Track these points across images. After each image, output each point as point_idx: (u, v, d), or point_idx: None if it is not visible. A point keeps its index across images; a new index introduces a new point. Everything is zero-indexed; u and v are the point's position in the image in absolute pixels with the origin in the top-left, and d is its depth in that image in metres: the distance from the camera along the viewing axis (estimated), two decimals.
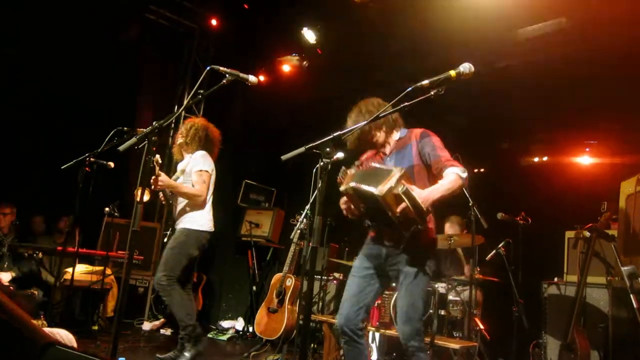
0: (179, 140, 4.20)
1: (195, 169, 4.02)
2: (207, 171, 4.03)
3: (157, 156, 3.63)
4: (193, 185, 3.99)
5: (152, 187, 3.74)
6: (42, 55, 5.70)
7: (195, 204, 4.01)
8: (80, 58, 5.84)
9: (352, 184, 2.55)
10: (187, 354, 3.82)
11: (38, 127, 5.91)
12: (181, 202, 4.05)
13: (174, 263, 3.89)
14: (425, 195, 2.51)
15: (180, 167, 4.14)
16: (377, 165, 2.74)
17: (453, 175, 2.62)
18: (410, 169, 2.76)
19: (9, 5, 5.32)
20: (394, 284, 2.81)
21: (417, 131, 2.92)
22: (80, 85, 5.87)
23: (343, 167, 2.75)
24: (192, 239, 3.97)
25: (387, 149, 2.96)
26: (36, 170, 5.73)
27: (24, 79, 5.71)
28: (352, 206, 2.73)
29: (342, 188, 2.63)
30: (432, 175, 2.77)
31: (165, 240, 4.24)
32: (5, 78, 5.56)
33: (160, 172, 3.72)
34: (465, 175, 2.64)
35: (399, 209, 2.45)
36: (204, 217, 4.05)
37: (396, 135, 2.96)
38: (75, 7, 5.71)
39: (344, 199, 2.76)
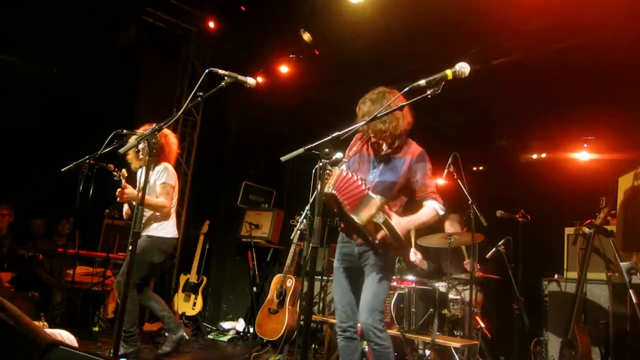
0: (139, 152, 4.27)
1: (160, 182, 4.19)
2: (170, 184, 4.22)
3: (124, 170, 3.92)
4: (157, 197, 4.15)
5: (118, 199, 3.99)
6: (42, 59, 5.71)
7: (161, 214, 4.19)
8: (79, 61, 5.85)
9: (333, 192, 2.62)
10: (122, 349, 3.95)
11: (37, 130, 5.91)
12: (147, 212, 4.17)
13: (139, 270, 4.04)
14: (403, 224, 2.71)
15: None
16: (364, 189, 2.68)
17: (432, 210, 2.83)
18: (392, 184, 2.85)
19: (9, 6, 5.32)
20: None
21: (416, 150, 2.94)
22: (79, 88, 5.89)
23: (328, 165, 2.73)
24: (155, 246, 4.15)
25: (382, 148, 2.94)
26: (36, 173, 5.73)
27: (24, 82, 5.72)
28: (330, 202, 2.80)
29: (326, 191, 2.63)
30: (410, 197, 2.92)
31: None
32: (5, 80, 5.57)
33: (126, 184, 3.95)
34: (442, 212, 2.85)
35: (378, 236, 2.66)
36: (169, 225, 4.26)
37: (395, 143, 2.93)
38: (73, 10, 5.72)
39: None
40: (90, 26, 5.90)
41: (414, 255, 4.97)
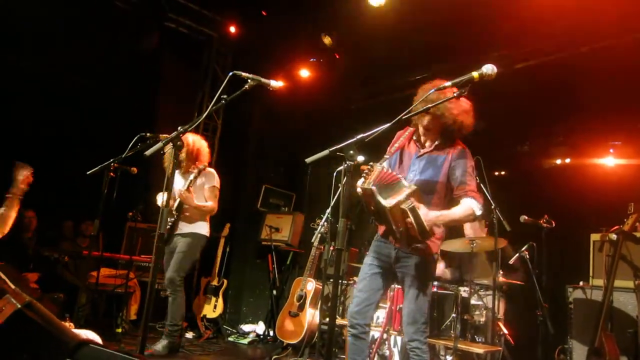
0: (183, 155, 4.54)
1: (209, 185, 4.61)
2: (218, 187, 4.65)
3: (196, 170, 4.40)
4: (206, 200, 4.58)
5: (179, 197, 4.42)
6: (68, 68, 5.83)
7: (208, 215, 4.65)
8: (104, 67, 5.96)
9: (372, 187, 2.58)
10: (164, 342, 4.37)
11: (61, 134, 6.02)
12: (188, 211, 4.54)
13: (186, 264, 4.48)
14: (431, 217, 2.58)
15: (184, 183, 4.50)
16: (399, 176, 2.68)
17: (467, 208, 2.69)
18: (432, 183, 2.77)
19: (35, 12, 5.44)
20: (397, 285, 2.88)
21: (458, 146, 2.85)
22: (103, 92, 5.99)
23: (371, 163, 2.72)
24: (200, 243, 4.60)
25: (424, 146, 2.90)
26: (61, 176, 5.84)
27: (51, 89, 5.84)
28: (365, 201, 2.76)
29: (364, 185, 2.61)
30: (451, 197, 2.79)
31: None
32: (33, 88, 5.70)
33: (191, 188, 4.40)
34: (479, 213, 2.71)
35: (402, 224, 2.56)
36: (208, 224, 4.70)
37: (438, 139, 2.88)
38: (97, 16, 5.84)
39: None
40: (113, 32, 6.02)
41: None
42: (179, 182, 4.58)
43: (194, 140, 4.65)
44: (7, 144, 5.58)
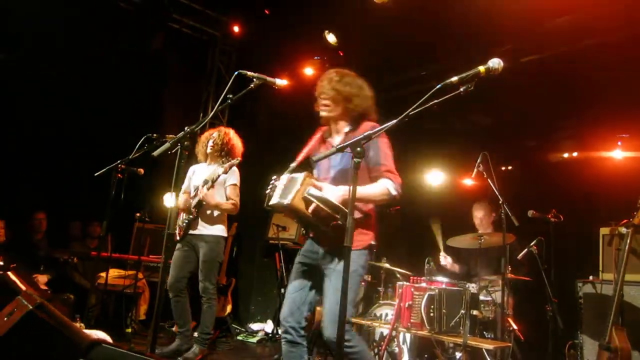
0: (210, 149, 4.40)
1: (230, 183, 4.37)
2: (238, 185, 4.42)
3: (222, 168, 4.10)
4: (228, 199, 4.34)
5: (200, 196, 4.15)
6: (72, 69, 5.85)
7: (225, 214, 4.39)
8: (109, 69, 5.99)
9: (275, 201, 2.58)
10: (196, 350, 4.22)
11: (67, 136, 6.06)
12: (209, 209, 4.29)
13: (215, 270, 4.32)
14: (337, 191, 2.49)
15: (206, 176, 4.28)
16: (290, 175, 2.66)
17: (383, 188, 2.58)
18: (349, 172, 2.57)
19: (39, 11, 5.47)
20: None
21: (366, 126, 2.70)
22: (108, 94, 6.02)
23: (274, 177, 2.72)
24: (222, 246, 4.39)
25: (335, 141, 2.81)
26: (68, 177, 5.87)
27: (57, 91, 5.87)
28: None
29: (270, 202, 2.62)
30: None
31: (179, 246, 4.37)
32: (40, 90, 5.74)
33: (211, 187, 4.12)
34: (395, 193, 2.57)
35: (310, 210, 2.47)
36: (226, 226, 4.46)
37: (347, 127, 2.80)
38: (101, 18, 5.87)
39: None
40: (117, 33, 6.04)
41: (444, 259, 4.91)
42: (202, 174, 4.38)
43: (233, 134, 4.49)
44: (15, 145, 5.62)
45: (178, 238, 4.30)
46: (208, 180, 4.11)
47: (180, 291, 4.26)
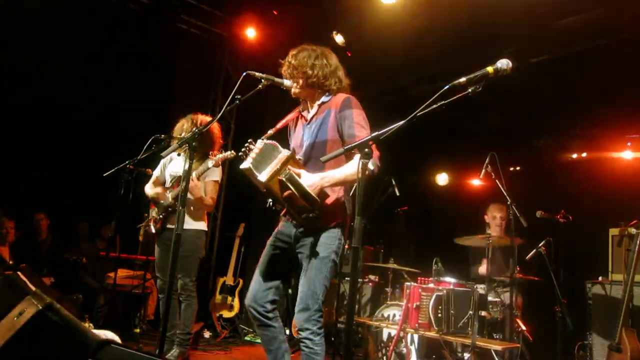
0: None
1: (212, 179, 4.15)
2: (218, 182, 4.23)
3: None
4: (205, 194, 4.10)
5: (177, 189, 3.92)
6: (80, 70, 5.90)
7: (206, 210, 4.17)
8: (117, 70, 6.03)
9: (249, 165, 2.42)
10: (175, 352, 3.97)
11: (75, 137, 6.11)
12: (191, 205, 4.03)
13: (195, 266, 4.09)
14: (314, 181, 2.36)
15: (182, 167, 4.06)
16: (270, 143, 2.52)
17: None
18: (322, 144, 2.55)
19: (52, 17, 5.52)
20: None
21: (340, 98, 2.63)
22: (116, 95, 6.07)
23: (250, 139, 2.57)
24: (202, 241, 4.16)
25: (309, 114, 2.75)
26: (77, 178, 5.92)
27: (64, 92, 5.92)
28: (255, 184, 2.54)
29: (243, 165, 2.46)
30: (350, 155, 2.45)
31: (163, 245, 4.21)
32: (47, 91, 5.78)
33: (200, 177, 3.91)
34: (373, 167, 2.31)
35: (284, 195, 2.35)
36: (206, 221, 4.20)
37: (321, 98, 2.73)
38: (109, 18, 5.90)
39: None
40: (125, 34, 6.08)
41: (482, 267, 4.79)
42: (176, 165, 4.20)
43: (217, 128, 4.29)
44: (22, 146, 5.67)
45: (153, 231, 4.15)
46: (197, 172, 3.91)
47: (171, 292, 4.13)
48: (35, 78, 5.69)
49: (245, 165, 2.44)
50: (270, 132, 2.73)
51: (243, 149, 2.56)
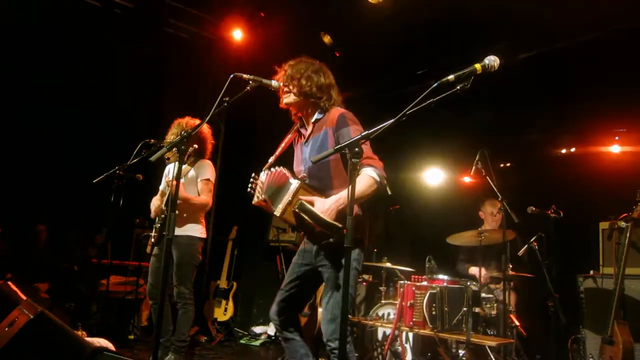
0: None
1: (203, 178, 4.08)
2: (212, 181, 4.13)
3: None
4: (199, 194, 4.04)
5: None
6: (68, 76, 5.85)
7: (201, 212, 4.09)
8: (105, 75, 5.99)
9: (264, 196, 2.51)
10: (171, 359, 3.93)
11: (64, 143, 6.05)
12: (182, 210, 3.97)
13: (190, 274, 4.02)
14: (327, 207, 2.37)
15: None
16: (285, 172, 2.55)
17: (367, 178, 2.42)
18: (325, 165, 2.55)
19: (41, 22, 5.47)
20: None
21: (334, 115, 2.64)
22: (105, 101, 6.03)
23: (253, 174, 2.64)
24: (197, 248, 4.06)
25: (307, 132, 2.76)
26: (67, 185, 5.86)
27: (53, 98, 5.87)
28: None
29: (256, 200, 2.55)
30: None
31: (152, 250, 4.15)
32: (35, 96, 5.73)
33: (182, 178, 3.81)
34: (380, 179, 2.42)
35: (305, 225, 2.39)
36: (203, 226, 4.12)
37: (314, 116, 2.74)
38: (96, 23, 5.87)
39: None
40: (113, 39, 6.04)
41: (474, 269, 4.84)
42: (171, 172, 4.09)
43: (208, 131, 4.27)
44: (13, 153, 5.61)
45: (153, 240, 4.10)
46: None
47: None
48: (20, 84, 5.63)
49: (260, 198, 2.53)
50: (270, 160, 2.75)
51: (250, 185, 2.62)
